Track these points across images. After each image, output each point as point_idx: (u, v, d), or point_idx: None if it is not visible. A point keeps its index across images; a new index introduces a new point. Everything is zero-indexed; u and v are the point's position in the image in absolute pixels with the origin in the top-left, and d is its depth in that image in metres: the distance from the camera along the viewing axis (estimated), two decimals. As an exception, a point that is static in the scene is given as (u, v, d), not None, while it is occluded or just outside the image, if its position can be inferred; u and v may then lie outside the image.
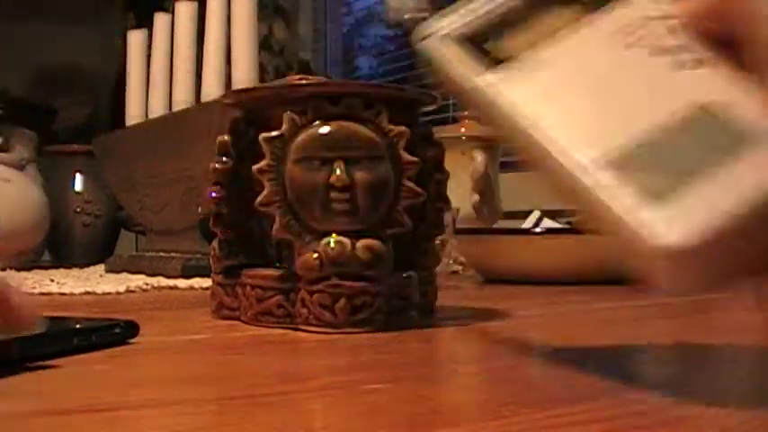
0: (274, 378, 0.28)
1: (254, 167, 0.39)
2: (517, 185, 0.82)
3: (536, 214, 0.84)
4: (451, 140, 0.87)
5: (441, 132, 0.64)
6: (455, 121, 1.05)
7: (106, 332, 0.33)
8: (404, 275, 0.41)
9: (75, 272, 0.87)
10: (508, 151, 0.77)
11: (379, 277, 0.39)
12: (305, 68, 1.92)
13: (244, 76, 0.77)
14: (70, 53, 2.21)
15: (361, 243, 0.38)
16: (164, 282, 0.69)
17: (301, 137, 0.39)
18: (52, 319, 0.35)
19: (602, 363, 0.31)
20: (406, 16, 0.97)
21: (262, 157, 0.39)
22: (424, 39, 0.26)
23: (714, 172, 0.21)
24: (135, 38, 0.95)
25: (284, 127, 0.39)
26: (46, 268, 0.93)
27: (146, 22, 0.94)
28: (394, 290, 0.40)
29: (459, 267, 0.81)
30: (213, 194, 0.42)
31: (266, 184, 0.39)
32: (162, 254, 0.82)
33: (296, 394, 0.25)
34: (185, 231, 0.80)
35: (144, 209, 0.88)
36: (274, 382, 0.26)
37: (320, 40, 2.19)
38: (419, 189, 0.40)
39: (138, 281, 0.69)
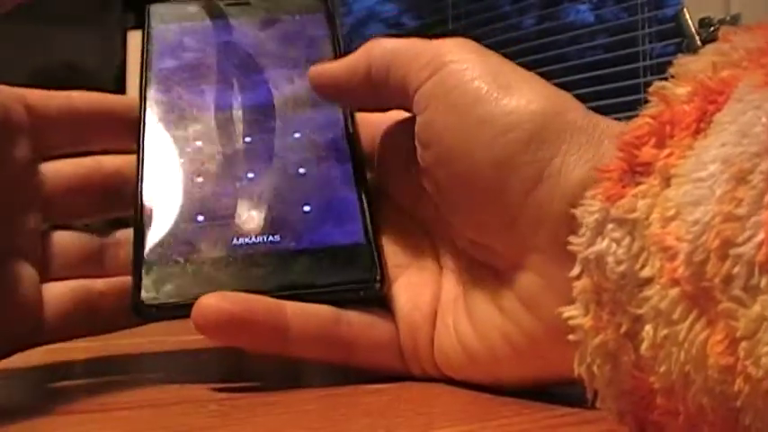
0: (274, 378, 0.28)
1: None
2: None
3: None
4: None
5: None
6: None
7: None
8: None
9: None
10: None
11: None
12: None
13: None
14: (70, 53, 2.21)
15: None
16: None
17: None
18: None
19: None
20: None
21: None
22: None
23: None
24: (135, 38, 0.95)
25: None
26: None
27: (146, 23, 0.94)
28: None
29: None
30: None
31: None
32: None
33: (296, 395, 0.25)
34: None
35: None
36: (274, 381, 0.26)
37: (320, 40, 2.19)
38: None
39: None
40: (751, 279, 0.13)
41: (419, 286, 0.27)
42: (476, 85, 0.23)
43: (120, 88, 0.98)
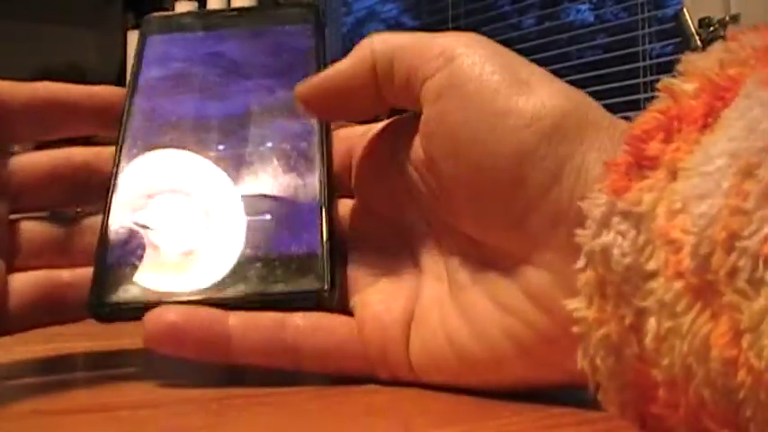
0: (273, 378, 0.28)
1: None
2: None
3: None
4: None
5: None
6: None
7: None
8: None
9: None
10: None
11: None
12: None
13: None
14: (70, 53, 2.21)
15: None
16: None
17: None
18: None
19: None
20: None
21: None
22: None
23: None
24: (135, 38, 0.95)
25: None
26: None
27: (146, 23, 0.94)
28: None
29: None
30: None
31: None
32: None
33: (295, 394, 0.25)
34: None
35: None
36: (273, 381, 0.26)
37: (320, 40, 2.19)
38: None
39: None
40: (756, 272, 0.13)
41: (392, 291, 0.27)
42: (494, 78, 0.23)
43: (120, 88, 0.98)
